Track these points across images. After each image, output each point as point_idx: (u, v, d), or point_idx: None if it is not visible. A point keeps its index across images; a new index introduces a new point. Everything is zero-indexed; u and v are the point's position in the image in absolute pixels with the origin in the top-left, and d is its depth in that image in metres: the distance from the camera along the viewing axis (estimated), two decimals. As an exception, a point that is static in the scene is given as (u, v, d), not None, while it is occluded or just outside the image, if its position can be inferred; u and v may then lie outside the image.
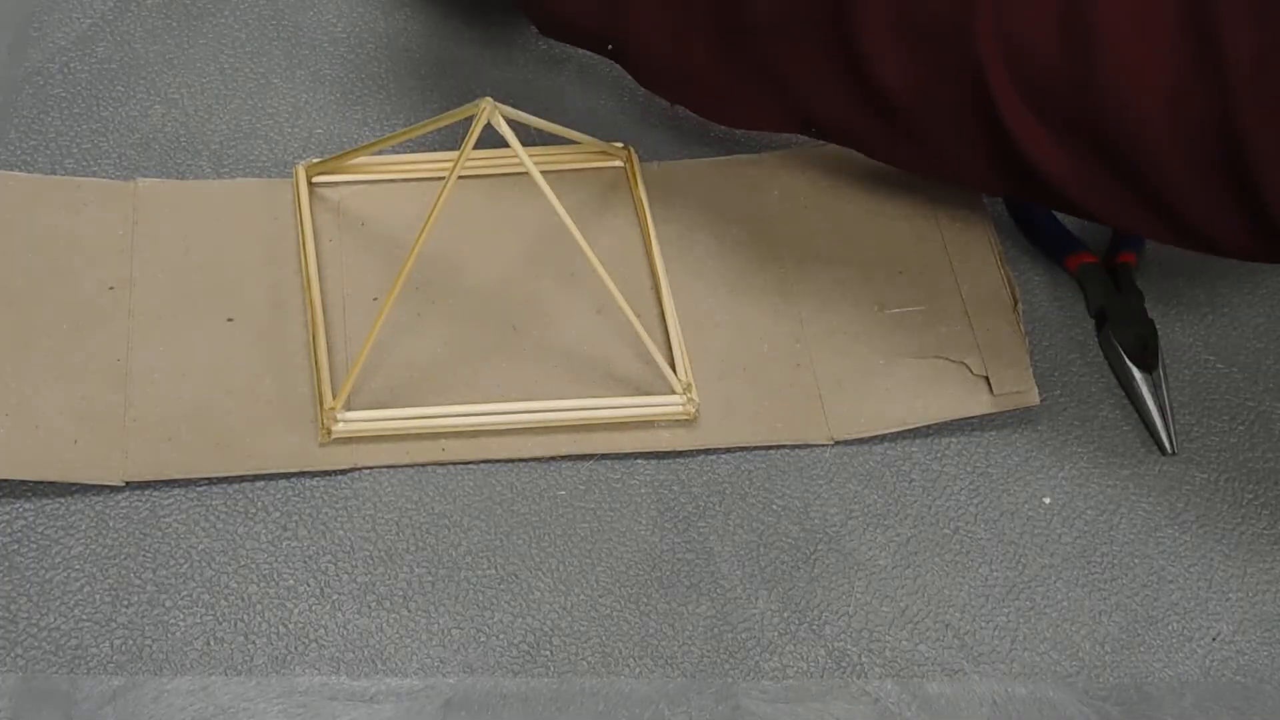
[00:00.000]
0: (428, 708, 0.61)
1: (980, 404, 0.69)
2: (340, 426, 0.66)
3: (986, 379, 0.69)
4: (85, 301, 0.70)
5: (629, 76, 0.74)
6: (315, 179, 0.74)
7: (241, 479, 0.66)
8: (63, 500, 0.65)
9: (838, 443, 0.68)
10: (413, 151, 0.75)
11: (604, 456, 0.68)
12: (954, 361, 0.70)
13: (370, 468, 0.66)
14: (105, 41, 0.79)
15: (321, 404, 0.67)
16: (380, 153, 0.74)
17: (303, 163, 0.74)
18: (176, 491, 0.65)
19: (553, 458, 0.67)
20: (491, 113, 0.64)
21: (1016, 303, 0.71)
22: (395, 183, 0.75)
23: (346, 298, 0.71)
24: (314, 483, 0.66)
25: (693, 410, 0.68)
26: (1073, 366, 0.72)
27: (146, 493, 0.65)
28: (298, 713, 0.60)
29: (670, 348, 0.70)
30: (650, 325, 0.70)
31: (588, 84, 0.80)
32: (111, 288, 0.70)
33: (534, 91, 0.80)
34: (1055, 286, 0.75)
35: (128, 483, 0.65)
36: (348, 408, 0.67)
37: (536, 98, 0.79)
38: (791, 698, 0.62)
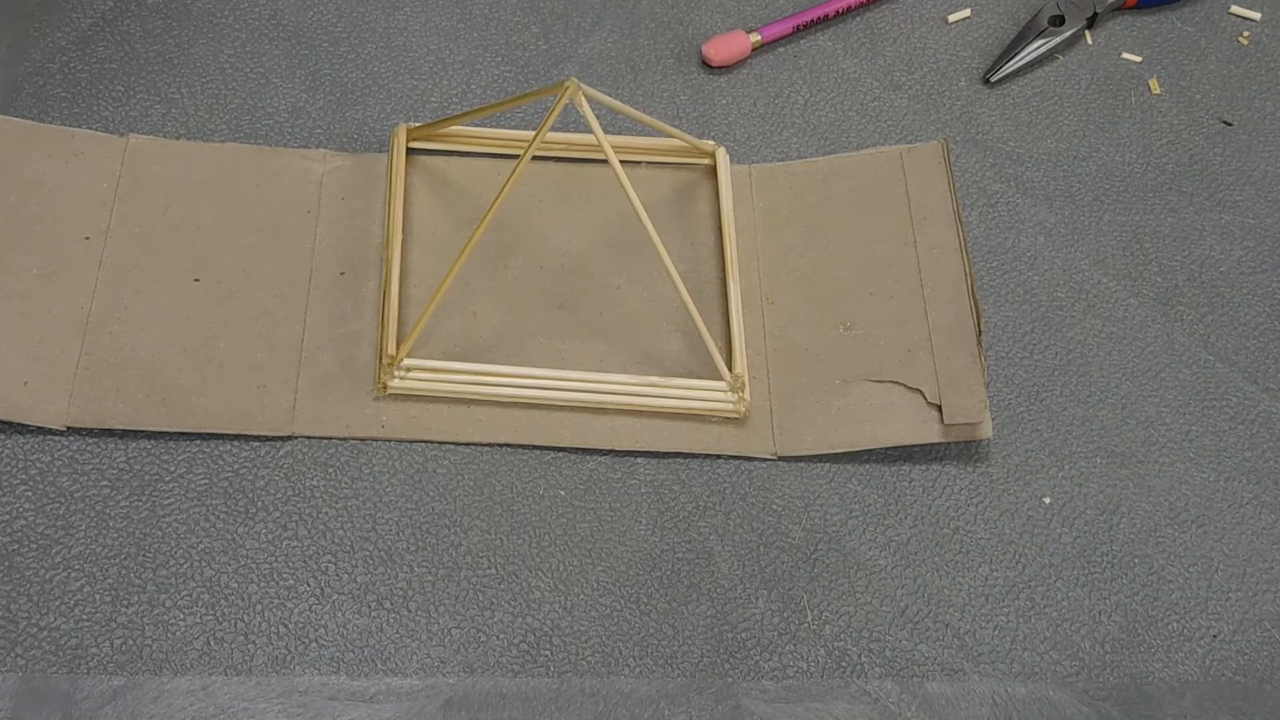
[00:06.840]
0: (428, 708, 0.61)
1: (930, 433, 0.68)
2: (396, 382, 0.67)
3: (939, 408, 0.68)
4: (58, 249, 0.70)
5: (627, 76, 0.73)
6: (411, 144, 0.75)
7: (240, 477, 0.66)
8: (63, 500, 0.65)
9: (781, 458, 0.68)
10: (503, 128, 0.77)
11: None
12: (910, 388, 0.69)
13: (308, 437, 0.67)
14: (105, 41, 0.79)
15: (381, 357, 0.68)
16: (476, 124, 0.75)
17: (404, 124, 0.75)
18: (176, 491, 0.65)
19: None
20: (574, 93, 0.64)
21: (981, 334, 0.70)
22: (479, 156, 0.76)
23: (411, 263, 0.72)
24: (314, 483, 0.66)
25: (743, 409, 0.68)
26: (1073, 366, 0.72)
27: (146, 493, 0.65)
28: (298, 713, 0.60)
29: (730, 347, 0.70)
30: (711, 318, 0.71)
31: (589, 82, 0.80)
32: (87, 238, 0.71)
33: (534, 90, 0.79)
34: (1055, 286, 0.75)
35: (70, 428, 0.66)
36: (396, 367, 0.68)
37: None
38: (791, 698, 0.62)
